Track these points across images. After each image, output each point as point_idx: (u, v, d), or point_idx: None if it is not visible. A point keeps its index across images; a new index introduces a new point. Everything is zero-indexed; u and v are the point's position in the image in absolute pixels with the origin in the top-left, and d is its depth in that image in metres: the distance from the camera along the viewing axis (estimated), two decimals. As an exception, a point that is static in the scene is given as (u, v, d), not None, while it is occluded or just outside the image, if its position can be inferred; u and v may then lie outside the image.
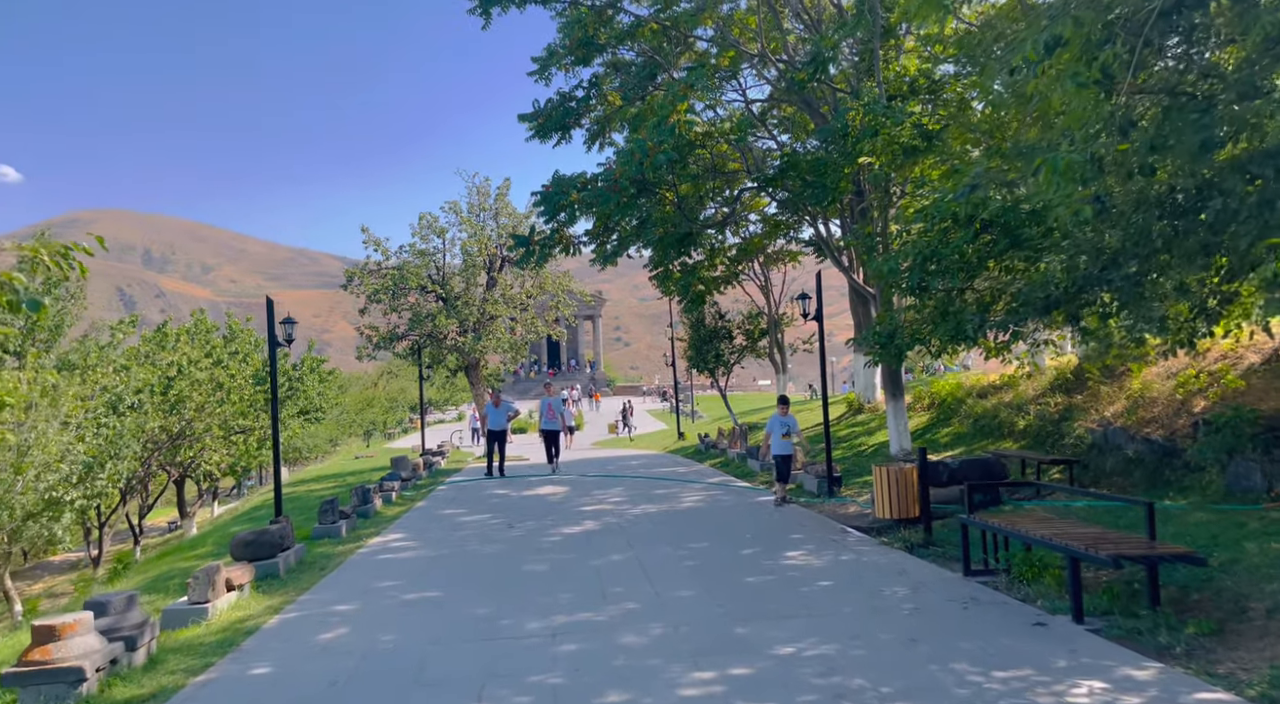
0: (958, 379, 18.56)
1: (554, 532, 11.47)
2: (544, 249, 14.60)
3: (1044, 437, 13.94)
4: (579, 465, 22.79)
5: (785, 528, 10.87)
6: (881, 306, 14.82)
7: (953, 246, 10.86)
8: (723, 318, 24.84)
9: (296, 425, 31.69)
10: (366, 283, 25.45)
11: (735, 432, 21.34)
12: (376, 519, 13.86)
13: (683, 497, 14.53)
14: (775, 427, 12.74)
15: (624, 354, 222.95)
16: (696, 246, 17.17)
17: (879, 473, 9.41)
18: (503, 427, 18.37)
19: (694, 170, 16.37)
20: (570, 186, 13.37)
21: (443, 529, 12.24)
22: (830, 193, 14.19)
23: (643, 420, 48.86)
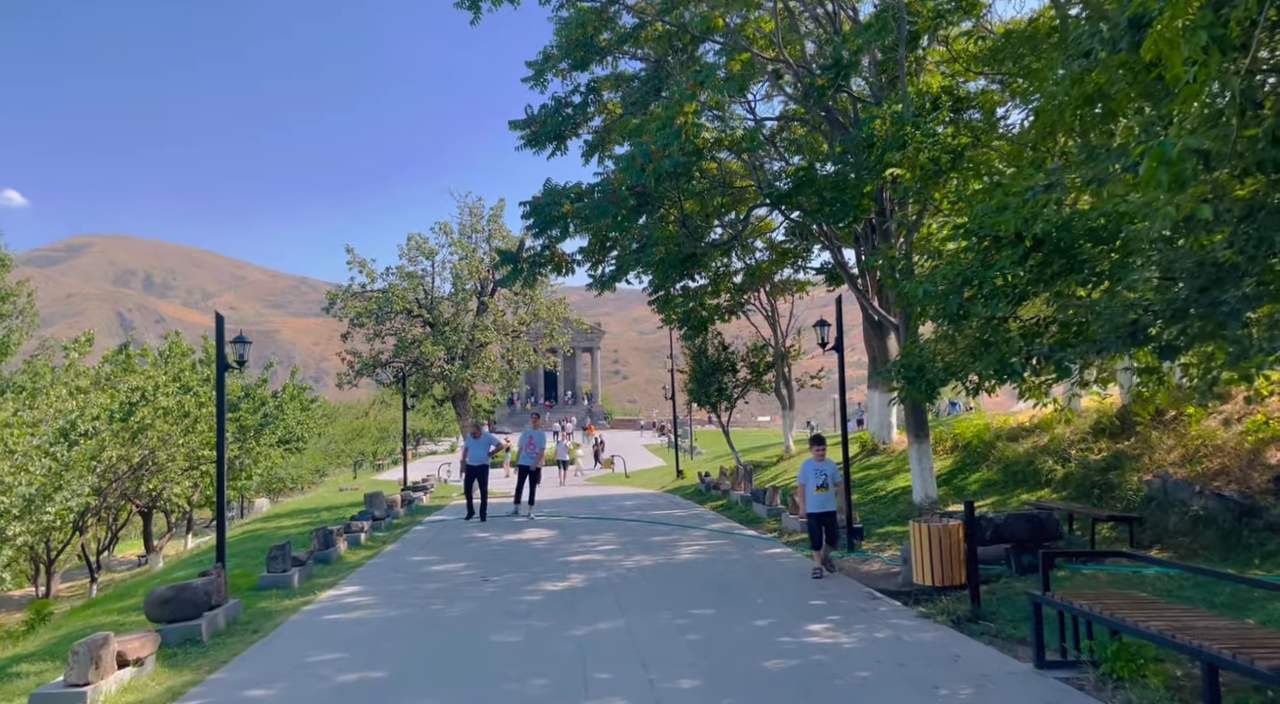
0: (983, 420, 17.08)
1: (534, 588, 9.92)
2: (534, 268, 13.20)
3: (1089, 487, 12.43)
4: (569, 505, 21.21)
5: (802, 590, 9.32)
6: (907, 337, 13.39)
7: (997, 268, 9.46)
8: (726, 349, 23.42)
9: (276, 455, 30.08)
10: (349, 306, 24.03)
11: (739, 471, 19.81)
12: (338, 566, 12.29)
13: (681, 546, 12.98)
14: (809, 476, 10.22)
15: (622, 387, 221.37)
16: (700, 270, 15.78)
17: (918, 531, 7.92)
18: (483, 462, 16.63)
19: (700, 186, 15.04)
20: (563, 197, 11.99)
21: (408, 581, 10.69)
22: (850, 210, 12.83)
23: (640, 456, 47.25)
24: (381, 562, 12.53)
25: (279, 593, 10.28)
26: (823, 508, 10.06)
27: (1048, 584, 6.09)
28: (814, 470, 10.20)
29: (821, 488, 10.09)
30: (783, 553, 12.07)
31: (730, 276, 19.69)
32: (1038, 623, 6.12)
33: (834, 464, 10.40)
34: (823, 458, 10.32)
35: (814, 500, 10.09)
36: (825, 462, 10.32)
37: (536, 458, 16.58)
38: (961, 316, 9.96)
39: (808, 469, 10.29)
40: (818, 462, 10.28)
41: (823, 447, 10.41)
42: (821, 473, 10.17)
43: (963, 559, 7.87)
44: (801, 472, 10.41)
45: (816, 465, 10.25)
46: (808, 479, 10.21)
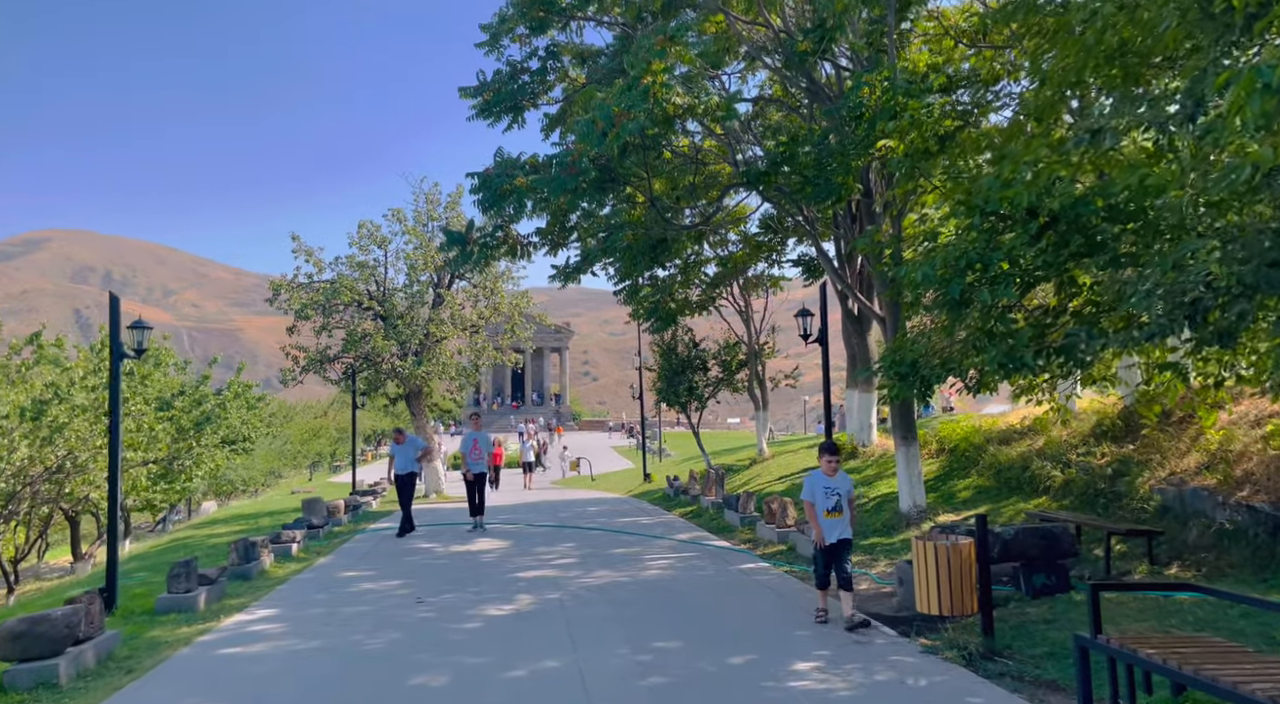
0: (970, 421, 15.99)
1: (474, 612, 8.59)
2: (484, 250, 11.84)
3: (1093, 496, 11.34)
4: (528, 511, 19.86)
5: (784, 616, 8.08)
6: (896, 330, 12.22)
7: (1005, 249, 8.31)
8: (697, 346, 22.20)
9: (221, 457, 28.36)
10: (294, 297, 22.45)
11: (710, 476, 18.58)
12: (258, 582, 10.87)
13: (647, 560, 11.69)
14: (818, 493, 7.74)
15: (592, 389, 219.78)
16: (670, 258, 14.51)
17: (922, 551, 6.71)
18: (411, 469, 15.03)
19: (671, 165, 13.78)
20: (516, 169, 10.67)
21: (332, 602, 9.30)
22: (835, 190, 11.63)
23: (607, 459, 46.03)
24: (309, 578, 11.12)
25: (178, 618, 8.86)
26: (831, 537, 7.69)
27: (1099, 623, 4.87)
28: (823, 488, 7.74)
29: (834, 512, 7.67)
30: (758, 568, 10.84)
31: (701, 266, 18.46)
32: (1084, 674, 4.90)
33: (849, 480, 7.99)
34: (835, 470, 7.84)
35: (831, 527, 7.71)
36: (839, 476, 7.86)
37: (486, 462, 15.08)
38: (964, 304, 8.79)
39: (815, 485, 7.78)
40: (829, 475, 7.81)
41: (836, 457, 7.89)
42: (834, 491, 7.73)
43: (974, 584, 6.66)
44: (808, 488, 7.82)
45: (827, 481, 7.78)
46: (816, 498, 7.73)
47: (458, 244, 11.92)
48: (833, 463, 7.87)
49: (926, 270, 8.70)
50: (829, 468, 7.84)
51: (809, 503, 7.79)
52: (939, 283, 8.85)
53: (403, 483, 14.92)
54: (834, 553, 7.65)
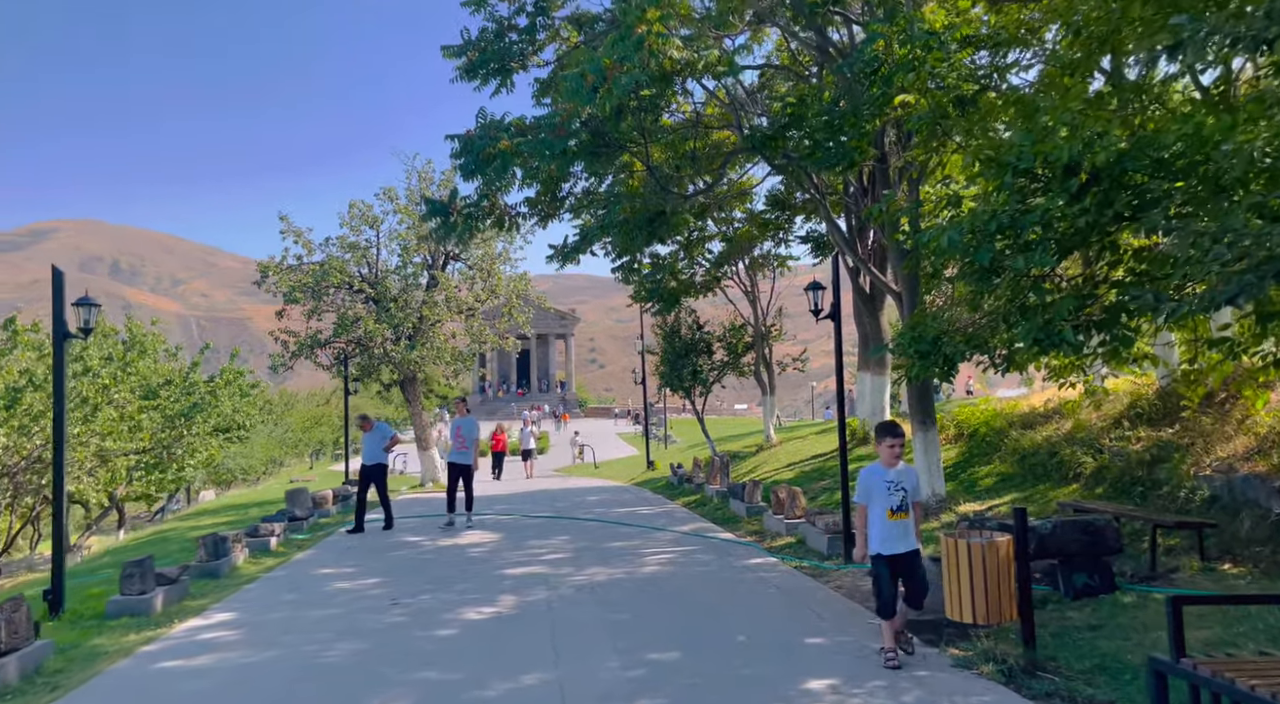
0: (990, 405, 15.09)
1: (451, 615, 7.77)
2: (469, 221, 10.97)
3: (1129, 484, 10.45)
4: (525, 501, 19.07)
5: (794, 622, 7.24)
6: (914, 306, 11.33)
7: (1040, 211, 7.42)
8: (701, 329, 21.32)
9: (214, 446, 27.63)
10: (283, 280, 21.61)
11: (714, 463, 17.74)
12: (228, 581, 10.09)
13: (646, 555, 10.87)
14: (876, 491, 5.98)
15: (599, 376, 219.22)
16: (670, 232, 13.62)
17: (953, 549, 5.85)
18: (378, 460, 13.70)
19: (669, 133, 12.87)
20: (500, 131, 9.79)
21: (299, 604, 8.50)
22: (848, 154, 10.71)
23: (612, 445, 45.31)
24: (281, 576, 10.33)
25: (130, 623, 8.07)
26: (898, 546, 5.90)
27: (1181, 644, 4.01)
28: (883, 483, 5.97)
29: (899, 512, 5.91)
30: (766, 564, 10.00)
31: (705, 243, 17.55)
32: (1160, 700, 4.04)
33: (914, 472, 6.26)
34: (898, 459, 6.05)
35: (883, 532, 5.91)
36: (902, 468, 6.06)
37: (470, 452, 13.68)
38: (994, 272, 7.90)
39: (873, 479, 6.01)
40: (888, 466, 6.02)
41: (899, 440, 6.07)
42: (897, 486, 5.95)
43: (1014, 587, 5.80)
44: (862, 484, 6.05)
45: (888, 473, 6.00)
46: (872, 495, 5.97)
47: (440, 214, 11.04)
48: (895, 448, 6.00)
49: (952, 235, 7.81)
50: (890, 455, 6.01)
51: (863, 506, 6.02)
52: (965, 250, 7.97)
53: (369, 475, 13.69)
54: (899, 567, 5.89)
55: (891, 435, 6.12)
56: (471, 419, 13.68)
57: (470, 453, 13.59)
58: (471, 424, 13.70)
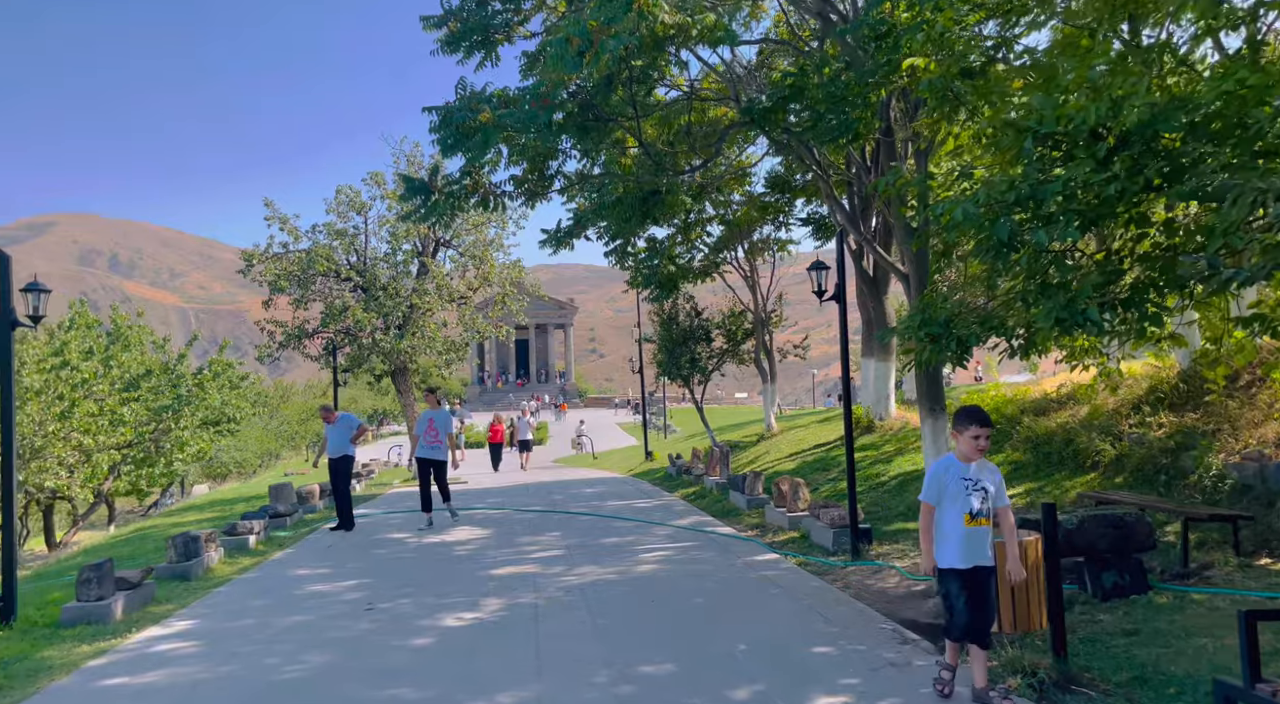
0: (1000, 390, 14.51)
1: (429, 622, 7.21)
2: (451, 199, 10.35)
3: (1152, 473, 9.88)
4: (519, 494, 18.52)
5: (800, 627, 6.67)
6: (924, 286, 10.72)
7: (1063, 181, 6.82)
8: (699, 316, 20.72)
9: (204, 439, 27.10)
10: (268, 268, 21.00)
11: (714, 454, 17.18)
12: (199, 583, 9.53)
13: (641, 552, 10.30)
14: (950, 488, 4.85)
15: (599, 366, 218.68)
16: (665, 213, 13.00)
17: (975, 549, 5.27)
18: (344, 452, 12.78)
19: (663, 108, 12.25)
20: (482, 103, 9.17)
21: (269, 610, 7.94)
22: (852, 126, 10.09)
23: (611, 436, 44.79)
24: (255, 578, 9.76)
25: (85, 632, 7.50)
26: (973, 559, 4.77)
27: (1257, 668, 3.42)
28: (960, 480, 4.80)
29: (978, 517, 4.76)
30: (767, 560, 9.43)
31: (702, 225, 16.93)
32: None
33: (996, 470, 4.97)
34: (981, 453, 4.83)
35: (958, 541, 4.76)
36: (983, 464, 4.88)
37: (442, 446, 12.73)
38: (1013, 248, 7.30)
39: (947, 476, 4.83)
40: (968, 459, 4.84)
41: (985, 430, 4.80)
42: (975, 485, 4.80)
43: (1042, 593, 5.23)
44: (932, 481, 4.88)
45: (964, 469, 4.84)
46: (945, 495, 4.82)
47: (420, 193, 10.42)
48: (981, 440, 4.77)
49: (968, 207, 7.18)
50: (973, 448, 4.77)
51: (930, 507, 4.86)
52: (981, 223, 7.37)
53: (335, 469, 12.88)
54: (974, 586, 4.76)
55: (978, 423, 4.78)
56: (444, 412, 12.84)
57: (443, 447, 12.73)
58: (444, 417, 12.86)
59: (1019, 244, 7.31)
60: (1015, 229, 7.16)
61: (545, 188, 11.41)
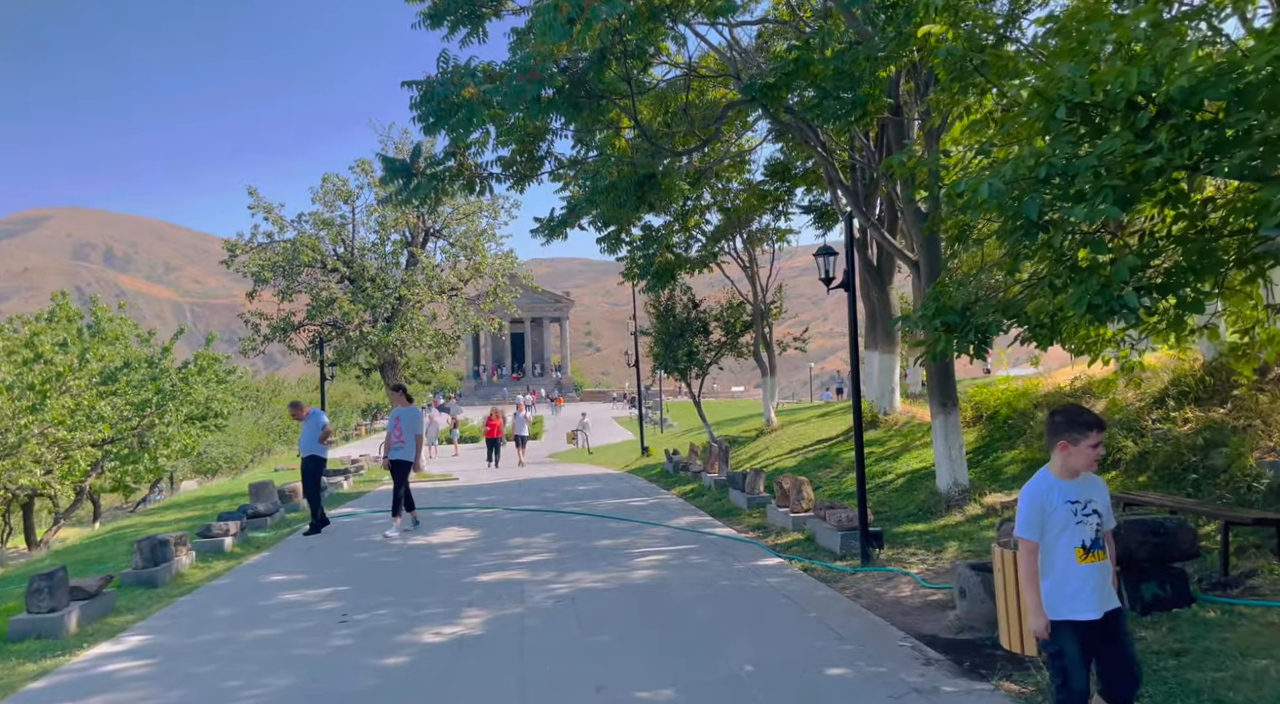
0: (1011, 383, 13.93)
1: (406, 637, 6.62)
2: (434, 181, 9.73)
3: (1179, 471, 9.31)
4: (512, 491, 17.94)
5: (812, 644, 6.08)
6: (933, 273, 10.13)
7: (1098, 153, 6.22)
8: (697, 307, 20.12)
9: (190, 435, 26.46)
10: (252, 259, 20.35)
11: (712, 449, 16.60)
12: (166, 591, 8.94)
13: (636, 556, 9.71)
14: (1056, 514, 3.68)
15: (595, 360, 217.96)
16: (661, 198, 12.38)
17: (1010, 562, 4.69)
18: (312, 451, 11.96)
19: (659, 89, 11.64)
20: (466, 77, 8.55)
21: (234, 623, 7.35)
22: (859, 104, 9.50)
23: (607, 430, 44.23)
24: (226, 584, 9.17)
25: (35, 647, 6.91)
26: (1094, 606, 3.68)
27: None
28: (1066, 505, 3.70)
29: (1093, 551, 3.71)
30: (770, 566, 8.85)
31: (700, 213, 16.33)
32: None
33: (1104, 486, 3.91)
34: (1091, 463, 3.74)
35: (1072, 584, 3.68)
36: (1089, 479, 3.81)
37: (409, 446, 11.73)
38: (1042, 228, 6.72)
39: (1050, 499, 3.71)
40: (1069, 476, 3.74)
41: (1101, 434, 3.70)
42: (1086, 507, 3.72)
43: (1087, 611, 4.64)
44: (1030, 507, 3.74)
45: (1070, 488, 3.73)
46: (1049, 524, 3.71)
47: (401, 175, 9.79)
48: (1100, 448, 3.67)
49: (994, 183, 6.58)
50: (1090, 459, 3.69)
51: (1030, 543, 3.71)
52: (1006, 201, 6.77)
53: (303, 469, 12.16)
54: (1100, 640, 3.69)
55: (1096, 428, 3.64)
56: (414, 409, 11.91)
57: (410, 446, 11.74)
58: (413, 415, 11.93)
59: (1048, 224, 6.75)
60: (1045, 207, 6.59)
61: (535, 170, 10.79)
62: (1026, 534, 3.73)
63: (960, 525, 9.78)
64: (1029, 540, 3.73)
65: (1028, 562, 3.73)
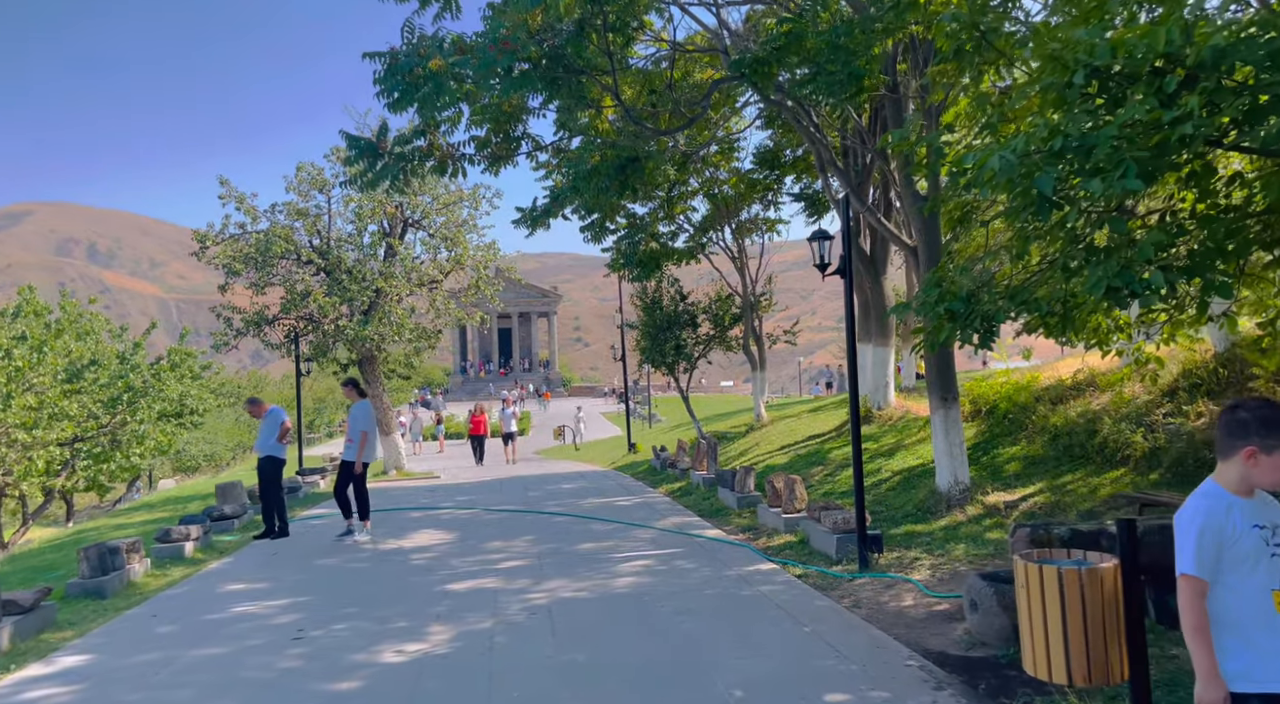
0: (1009, 377, 13.42)
1: (364, 656, 6.03)
2: (402, 161, 9.10)
3: (1191, 468, 8.80)
4: (495, 490, 17.35)
5: (808, 663, 5.52)
6: (931, 259, 9.58)
7: (1121, 122, 5.69)
8: (684, 300, 19.55)
9: (164, 432, 25.72)
10: (223, 251, 19.65)
11: (701, 446, 16.04)
12: (116, 601, 8.33)
13: (619, 561, 9.14)
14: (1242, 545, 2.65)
15: (584, 355, 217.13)
16: (645, 182, 11.79)
17: (1034, 578, 4.13)
18: (269, 452, 11.27)
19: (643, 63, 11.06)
20: (433, 48, 7.93)
21: (177, 640, 6.74)
22: (855, 78, 8.93)
23: (596, 426, 43.63)
24: (179, 594, 8.56)
25: (-51, 668, 6.28)
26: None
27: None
28: (1253, 531, 2.67)
29: None
30: (762, 571, 8.30)
31: (685, 199, 15.75)
32: None
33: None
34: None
35: (1266, 636, 2.62)
36: (1262, 498, 2.78)
37: (355, 445, 10.82)
38: (1056, 204, 6.17)
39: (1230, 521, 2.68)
40: (1249, 492, 2.74)
41: None
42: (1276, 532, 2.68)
43: (1122, 634, 4.11)
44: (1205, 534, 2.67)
45: (1254, 511, 2.72)
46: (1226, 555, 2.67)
47: (366, 154, 9.16)
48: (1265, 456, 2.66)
49: (1005, 156, 6.02)
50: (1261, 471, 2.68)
51: (1198, 582, 2.68)
52: (1017, 177, 6.22)
53: (261, 471, 11.42)
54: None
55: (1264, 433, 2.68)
56: (364, 404, 10.94)
57: (355, 446, 10.86)
58: (362, 411, 10.93)
59: (1063, 200, 6.22)
60: (1060, 182, 6.05)
61: (511, 151, 10.16)
62: (1194, 571, 2.67)
63: (962, 526, 9.26)
64: (1195, 577, 2.68)
65: (1192, 609, 2.68)
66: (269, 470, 11.46)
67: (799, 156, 17.91)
